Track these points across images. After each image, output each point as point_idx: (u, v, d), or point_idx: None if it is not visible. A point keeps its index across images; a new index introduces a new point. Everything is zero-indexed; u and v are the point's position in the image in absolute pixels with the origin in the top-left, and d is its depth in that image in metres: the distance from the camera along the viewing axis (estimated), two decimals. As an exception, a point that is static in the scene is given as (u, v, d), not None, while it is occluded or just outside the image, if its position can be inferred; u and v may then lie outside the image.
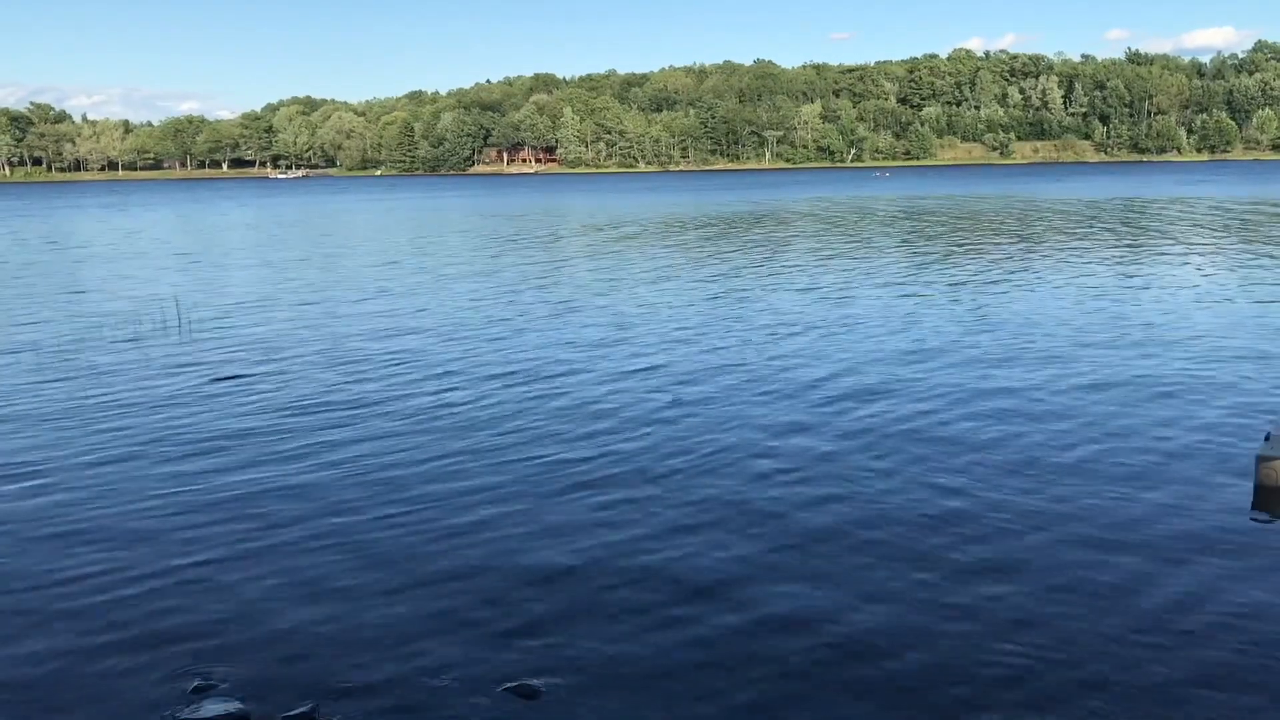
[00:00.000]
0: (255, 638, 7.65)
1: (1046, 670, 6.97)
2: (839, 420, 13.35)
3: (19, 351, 19.46)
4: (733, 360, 17.38)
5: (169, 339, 20.63)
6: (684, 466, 11.50)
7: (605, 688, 6.88)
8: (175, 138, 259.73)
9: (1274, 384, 14.81)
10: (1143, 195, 76.95)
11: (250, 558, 9.13)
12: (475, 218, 66.66)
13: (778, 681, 6.92)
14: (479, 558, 9.05)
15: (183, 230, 60.78)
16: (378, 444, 12.62)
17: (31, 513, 10.41)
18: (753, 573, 8.64)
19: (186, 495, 10.83)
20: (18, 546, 9.49)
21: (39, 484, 11.31)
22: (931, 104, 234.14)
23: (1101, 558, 8.79)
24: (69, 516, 10.25)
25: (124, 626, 7.85)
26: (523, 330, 21.05)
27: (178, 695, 6.88)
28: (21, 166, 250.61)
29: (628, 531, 9.60)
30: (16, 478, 11.56)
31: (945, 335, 19.38)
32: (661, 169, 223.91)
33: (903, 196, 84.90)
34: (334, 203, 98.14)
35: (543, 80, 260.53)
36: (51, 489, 11.13)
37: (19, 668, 7.29)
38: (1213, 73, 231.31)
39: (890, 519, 9.79)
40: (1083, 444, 12.07)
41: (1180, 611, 7.80)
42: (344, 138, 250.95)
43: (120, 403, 15.00)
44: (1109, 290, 25.22)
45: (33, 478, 11.54)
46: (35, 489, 11.14)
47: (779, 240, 43.45)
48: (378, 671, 7.13)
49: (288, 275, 32.98)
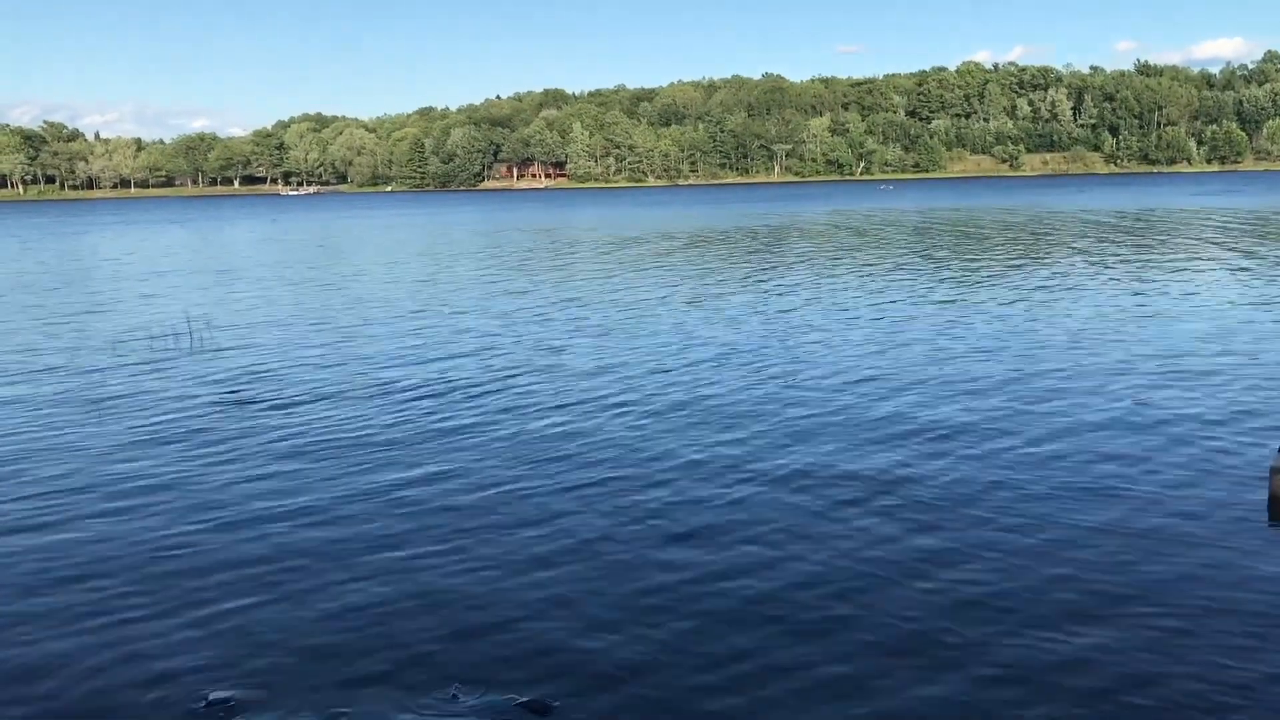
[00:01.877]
0: (265, 654, 7.65)
1: (1049, 670, 6.94)
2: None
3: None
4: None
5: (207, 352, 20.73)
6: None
7: (620, 706, 6.88)
8: (187, 155, 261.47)
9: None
10: (1171, 205, 76.71)
11: (258, 576, 9.15)
12: (522, 232, 66.84)
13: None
14: (492, 574, 9.05)
15: (224, 248, 61.08)
16: (394, 464, 12.65)
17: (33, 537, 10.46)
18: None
19: (210, 515, 10.87)
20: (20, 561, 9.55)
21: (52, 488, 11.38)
22: (940, 116, 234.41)
23: (1117, 568, 8.75)
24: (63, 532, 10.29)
25: (134, 641, 7.87)
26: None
27: (188, 708, 6.89)
28: (35, 185, 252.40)
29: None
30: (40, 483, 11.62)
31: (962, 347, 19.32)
32: (671, 183, 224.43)
33: (916, 209, 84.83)
34: (366, 218, 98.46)
35: (552, 95, 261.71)
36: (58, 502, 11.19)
37: (33, 677, 7.31)
38: (1222, 83, 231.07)
39: (959, 535, 9.76)
40: (1100, 458, 12.03)
41: (1196, 620, 7.77)
42: (355, 154, 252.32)
43: (136, 425, 15.07)
44: (1135, 304, 25.14)
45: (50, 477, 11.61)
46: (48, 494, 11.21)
47: (834, 253, 43.48)
48: (388, 686, 7.13)
49: (339, 292, 33.11)
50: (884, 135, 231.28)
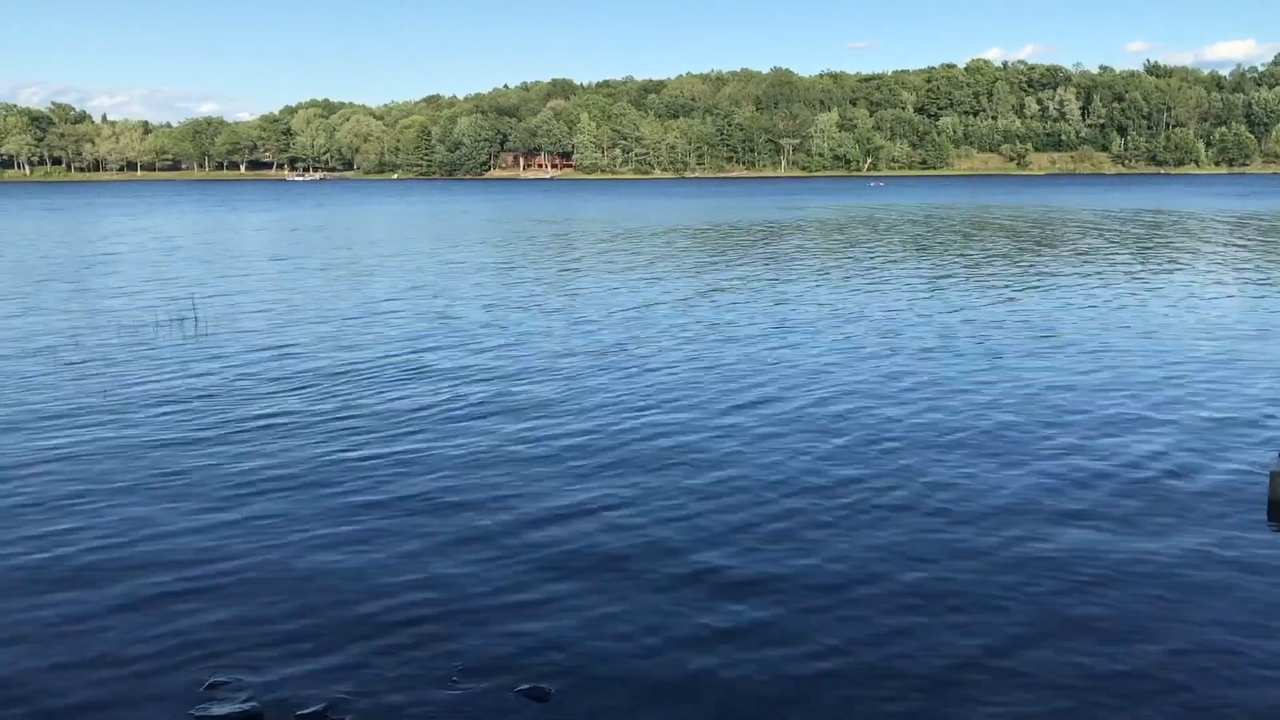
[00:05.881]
0: (269, 638, 7.73)
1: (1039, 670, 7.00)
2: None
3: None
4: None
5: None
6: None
7: (616, 692, 6.94)
8: (194, 139, 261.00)
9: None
10: (1189, 207, 76.55)
11: (267, 557, 9.22)
12: (533, 223, 66.85)
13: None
14: (498, 561, 9.11)
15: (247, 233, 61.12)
16: (399, 444, 12.70)
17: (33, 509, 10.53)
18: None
19: (216, 491, 10.93)
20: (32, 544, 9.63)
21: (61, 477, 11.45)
22: (949, 114, 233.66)
23: (1123, 572, 8.81)
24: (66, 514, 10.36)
25: (141, 627, 7.94)
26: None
27: (194, 694, 6.95)
28: (41, 166, 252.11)
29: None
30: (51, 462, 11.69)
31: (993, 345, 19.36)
32: (677, 175, 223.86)
33: (921, 205, 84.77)
34: (379, 205, 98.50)
35: (560, 86, 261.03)
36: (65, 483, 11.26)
37: (30, 658, 7.38)
38: (1232, 85, 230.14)
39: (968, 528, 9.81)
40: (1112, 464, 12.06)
41: (1210, 626, 7.82)
42: (361, 141, 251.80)
43: (136, 397, 15.13)
44: (1148, 300, 25.15)
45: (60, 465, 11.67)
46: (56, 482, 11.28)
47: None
48: (390, 672, 7.19)
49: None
50: (892, 131, 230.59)
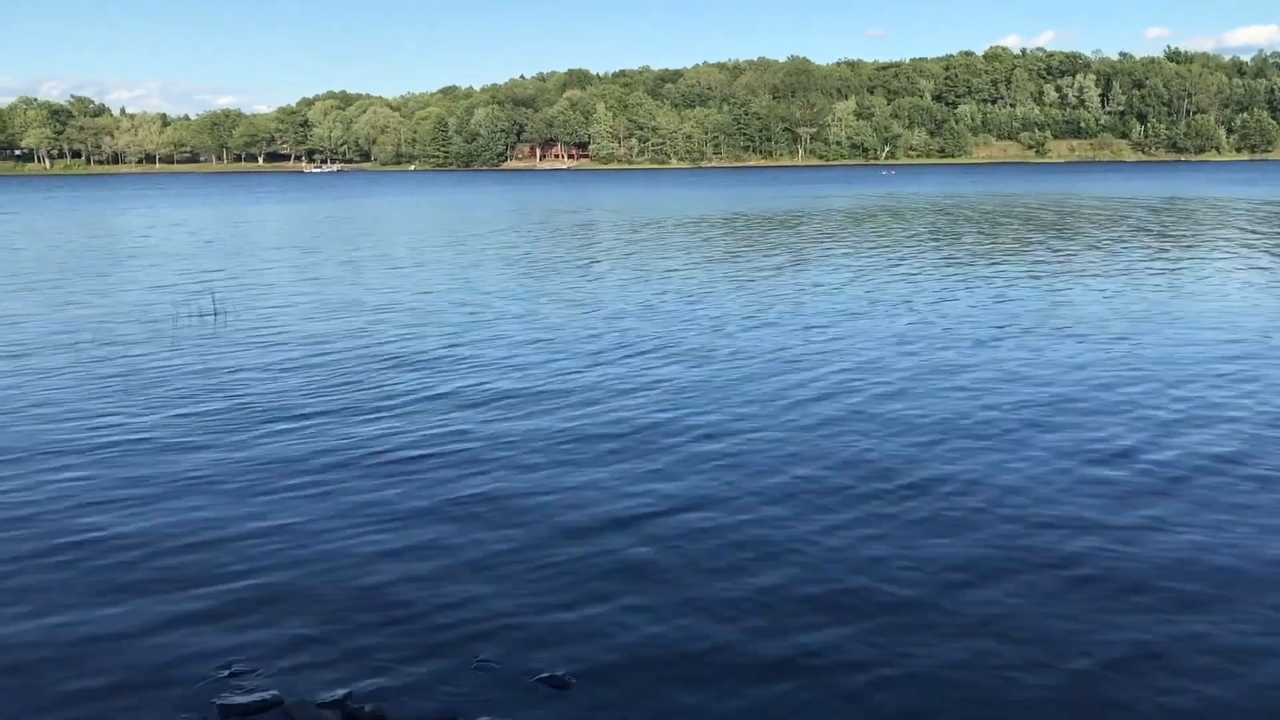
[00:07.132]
0: (290, 626, 7.75)
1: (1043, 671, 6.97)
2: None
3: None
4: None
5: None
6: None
7: (636, 683, 6.95)
8: (212, 131, 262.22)
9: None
10: (1221, 195, 75.95)
11: (282, 543, 9.25)
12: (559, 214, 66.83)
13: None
14: (524, 554, 9.12)
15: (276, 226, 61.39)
16: (414, 431, 12.74)
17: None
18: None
19: (242, 477, 10.99)
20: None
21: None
22: (967, 101, 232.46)
23: (1156, 571, 8.77)
24: (94, 496, 10.43)
25: (164, 613, 7.98)
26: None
27: (213, 680, 6.98)
28: (61, 159, 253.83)
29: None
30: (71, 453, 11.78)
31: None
32: (694, 165, 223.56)
33: (941, 194, 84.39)
34: (403, 197, 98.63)
35: (576, 76, 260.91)
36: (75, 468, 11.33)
37: (54, 645, 7.43)
38: (1254, 71, 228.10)
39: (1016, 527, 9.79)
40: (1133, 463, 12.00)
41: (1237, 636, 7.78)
42: (378, 132, 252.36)
43: (154, 379, 15.21)
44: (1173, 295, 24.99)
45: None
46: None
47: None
48: (410, 660, 7.21)
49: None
50: (910, 120, 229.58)
